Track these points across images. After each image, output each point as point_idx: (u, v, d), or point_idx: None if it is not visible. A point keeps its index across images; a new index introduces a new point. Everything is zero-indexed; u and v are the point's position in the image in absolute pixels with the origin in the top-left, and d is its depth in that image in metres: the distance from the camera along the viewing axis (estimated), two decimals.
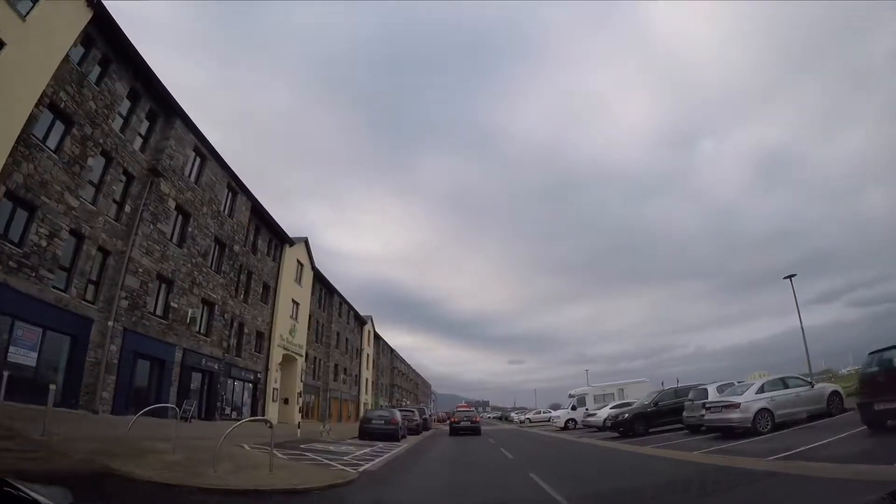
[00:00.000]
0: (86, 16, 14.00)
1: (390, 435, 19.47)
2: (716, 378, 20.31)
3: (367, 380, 54.53)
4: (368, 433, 19.62)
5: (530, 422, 44.37)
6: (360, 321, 52.69)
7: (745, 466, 8.19)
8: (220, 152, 22.93)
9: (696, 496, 6.41)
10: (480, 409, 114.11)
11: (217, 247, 23.12)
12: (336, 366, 41.80)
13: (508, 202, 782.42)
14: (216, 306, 22.57)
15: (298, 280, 32.65)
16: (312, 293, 36.55)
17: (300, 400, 32.08)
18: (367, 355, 55.35)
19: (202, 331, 21.67)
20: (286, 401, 30.86)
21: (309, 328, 35.45)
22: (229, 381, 24.24)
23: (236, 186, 24.70)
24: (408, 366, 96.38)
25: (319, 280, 38.06)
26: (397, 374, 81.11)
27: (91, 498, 3.63)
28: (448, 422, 32.73)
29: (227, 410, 24.06)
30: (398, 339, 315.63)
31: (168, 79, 20.48)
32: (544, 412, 45.77)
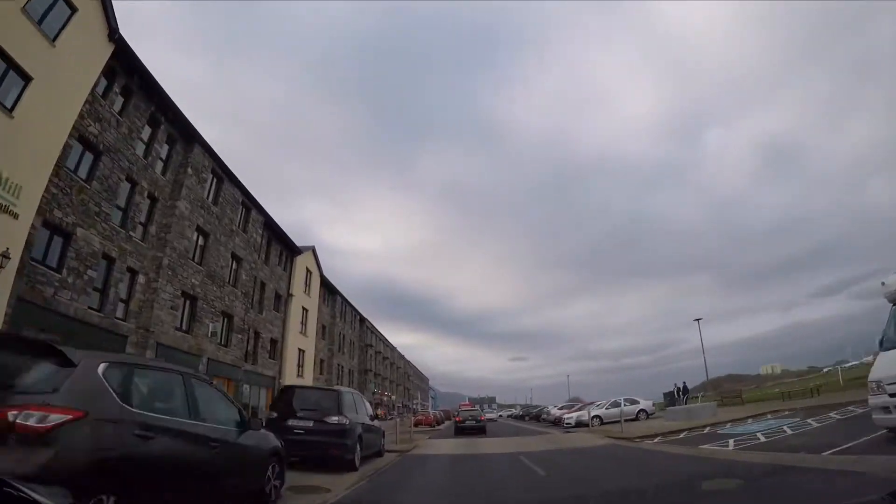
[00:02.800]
0: None
1: None
2: None
3: (302, 352, 32.71)
4: None
5: (600, 421, 22.78)
6: (286, 244, 30.92)
7: None
8: None
9: None
10: (486, 406, 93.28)
11: None
12: (196, 300, 20.12)
13: (510, 196, 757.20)
14: None
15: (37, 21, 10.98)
16: (126, 106, 14.87)
17: None
18: (305, 310, 33.57)
19: None
20: None
21: (98, 180, 13.86)
22: None
23: None
24: (393, 349, 74.46)
25: (139, 77, 16.08)
26: (374, 358, 59.22)
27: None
28: (453, 421, 28.59)
29: None
30: (401, 337, 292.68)
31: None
32: (611, 404, 24.57)
